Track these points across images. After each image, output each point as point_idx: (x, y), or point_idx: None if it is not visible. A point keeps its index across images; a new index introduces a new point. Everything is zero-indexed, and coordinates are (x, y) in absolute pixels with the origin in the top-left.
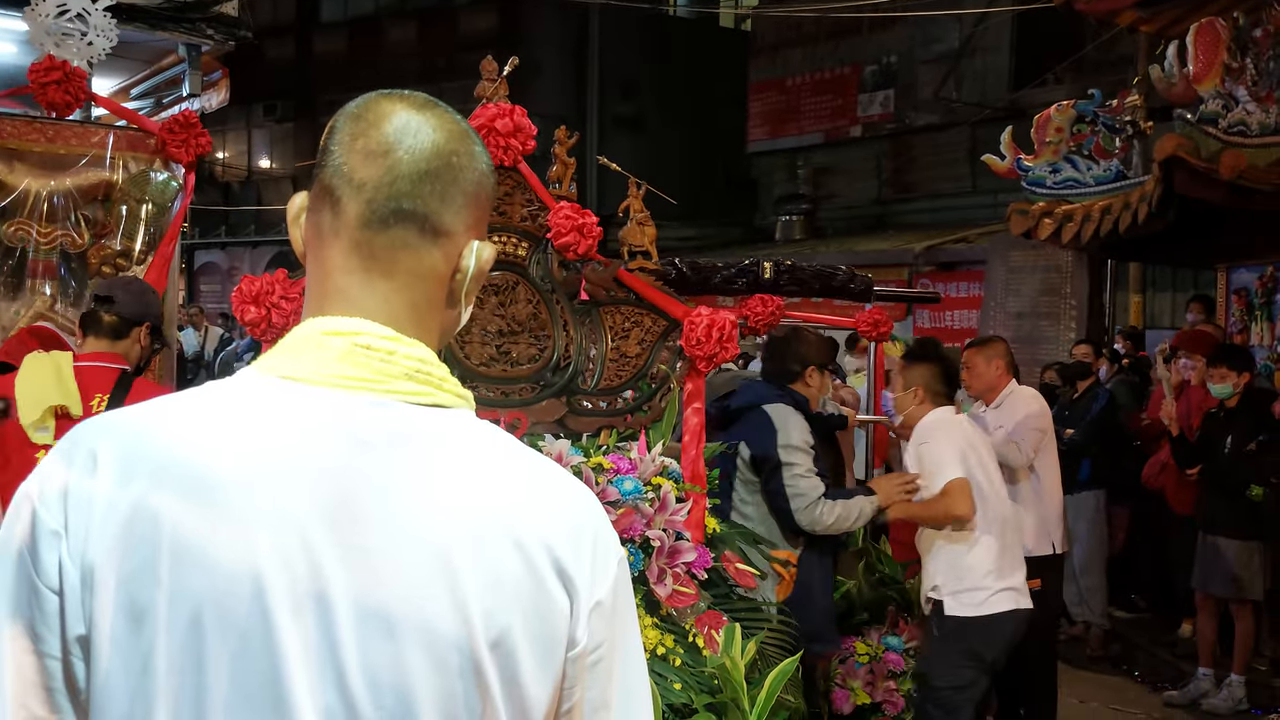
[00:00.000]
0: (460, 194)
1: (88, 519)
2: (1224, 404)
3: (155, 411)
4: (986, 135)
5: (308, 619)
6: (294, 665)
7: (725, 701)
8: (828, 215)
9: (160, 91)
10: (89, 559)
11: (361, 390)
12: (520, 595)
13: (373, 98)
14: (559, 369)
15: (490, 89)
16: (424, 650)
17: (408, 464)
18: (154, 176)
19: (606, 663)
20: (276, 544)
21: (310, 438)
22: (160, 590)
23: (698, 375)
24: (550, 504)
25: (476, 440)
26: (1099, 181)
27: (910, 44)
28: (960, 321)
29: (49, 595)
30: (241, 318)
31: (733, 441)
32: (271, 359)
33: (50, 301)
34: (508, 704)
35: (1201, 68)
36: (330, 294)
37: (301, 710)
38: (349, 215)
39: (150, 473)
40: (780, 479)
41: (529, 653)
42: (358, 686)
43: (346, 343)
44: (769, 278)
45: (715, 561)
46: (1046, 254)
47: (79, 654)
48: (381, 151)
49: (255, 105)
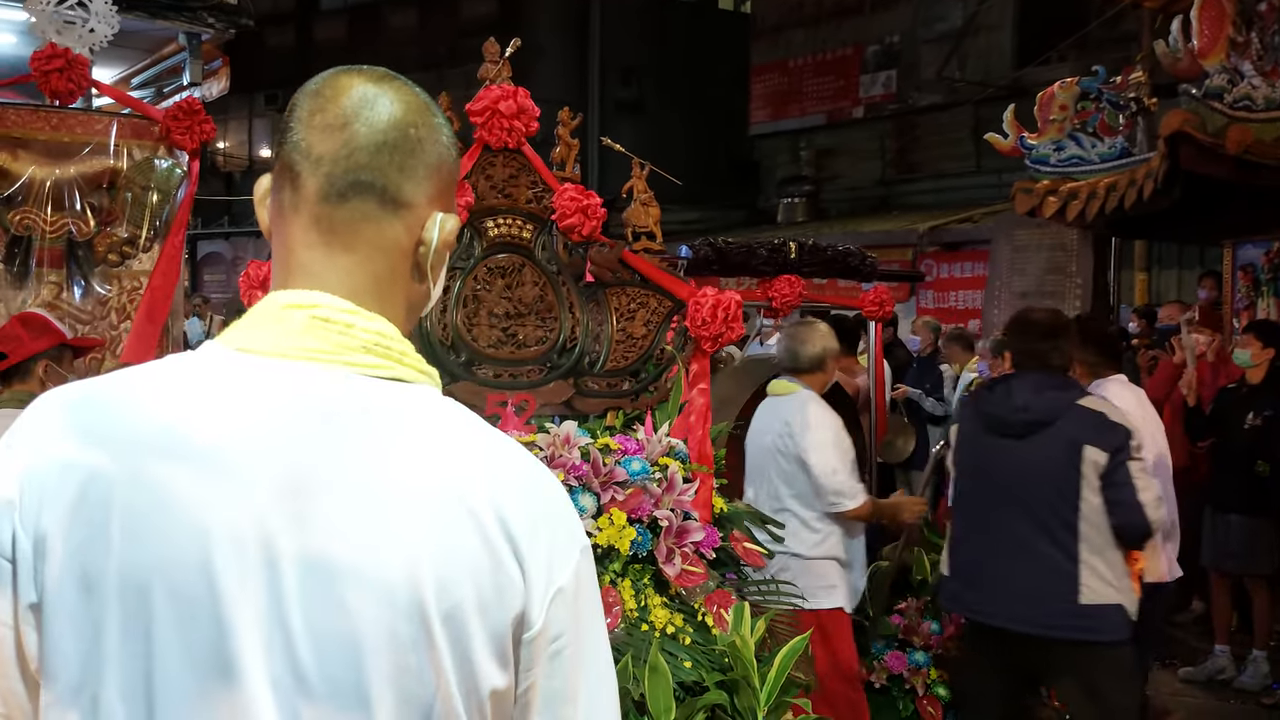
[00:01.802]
0: (420, 165)
1: (41, 488)
2: (1244, 380)
3: (115, 383)
4: (990, 114)
5: (257, 589)
6: (243, 635)
7: (737, 679)
8: (831, 197)
9: (161, 80)
10: (41, 527)
11: (318, 362)
12: (474, 570)
13: (331, 74)
14: (566, 351)
15: (493, 71)
16: (375, 622)
17: (363, 437)
18: (158, 164)
19: (571, 653)
20: (228, 514)
21: (266, 409)
22: (110, 559)
23: (703, 355)
24: (509, 483)
25: (435, 416)
26: (1104, 159)
27: (912, 23)
28: (965, 302)
29: (1, 563)
30: (249, 303)
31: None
32: (232, 332)
33: (57, 290)
34: (459, 679)
35: (1206, 42)
36: (293, 269)
37: (250, 680)
38: (308, 190)
39: (106, 443)
40: (1126, 470)
41: (481, 628)
42: (307, 657)
43: (305, 315)
44: (795, 258)
45: (724, 541)
46: (1051, 232)
47: (31, 622)
48: (339, 125)
49: (256, 94)
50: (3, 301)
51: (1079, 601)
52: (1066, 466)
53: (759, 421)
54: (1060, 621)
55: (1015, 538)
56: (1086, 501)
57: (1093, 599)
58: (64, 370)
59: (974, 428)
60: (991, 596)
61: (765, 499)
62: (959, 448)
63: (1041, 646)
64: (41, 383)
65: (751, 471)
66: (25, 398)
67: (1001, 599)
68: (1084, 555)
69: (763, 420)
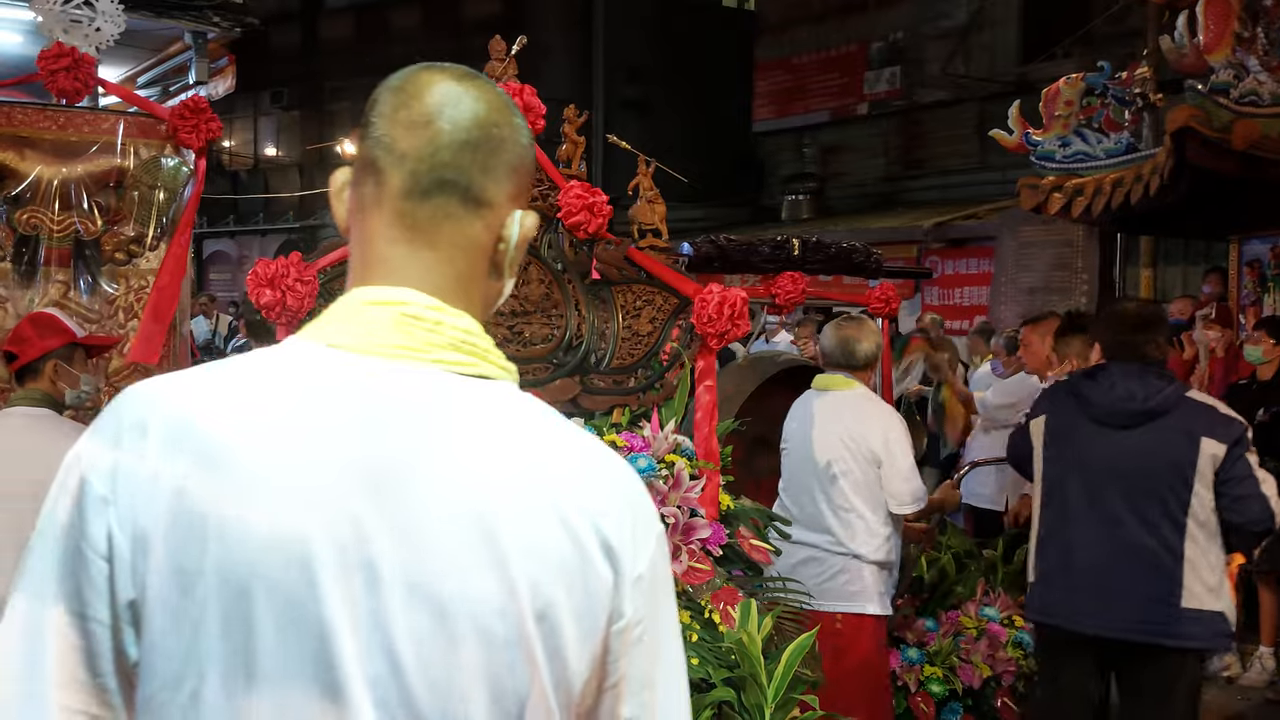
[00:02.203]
0: (501, 164)
1: (136, 486)
2: (1255, 376)
3: (202, 378)
4: (995, 110)
5: (354, 587)
6: (341, 633)
7: (743, 676)
8: (836, 194)
9: (167, 80)
10: (139, 525)
11: (408, 359)
12: (565, 568)
13: (414, 70)
14: (572, 348)
15: (499, 69)
16: (471, 620)
17: (453, 434)
18: (165, 162)
19: (650, 638)
20: (323, 511)
21: (357, 406)
22: (209, 556)
23: (709, 352)
24: (594, 477)
25: (520, 412)
26: (1109, 154)
27: (917, 19)
28: (970, 298)
29: (98, 562)
30: (257, 300)
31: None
32: (317, 327)
33: (64, 289)
34: (552, 677)
35: (1212, 38)
36: (373, 264)
37: (350, 678)
38: (392, 186)
39: (198, 440)
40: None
41: (573, 625)
42: (406, 655)
43: (393, 312)
44: (798, 254)
45: (730, 538)
46: (1057, 229)
47: (129, 619)
48: (423, 122)
49: (262, 93)
50: (10, 301)
51: (1180, 605)
52: (1181, 459)
53: (805, 418)
54: (1158, 626)
55: (1117, 533)
56: (1198, 496)
57: (1193, 603)
58: (75, 369)
59: (1073, 419)
60: (1085, 599)
61: (818, 498)
62: (1051, 440)
63: (1125, 648)
64: (52, 382)
65: (798, 469)
66: (37, 396)
67: (1096, 601)
68: (1189, 553)
69: (818, 416)
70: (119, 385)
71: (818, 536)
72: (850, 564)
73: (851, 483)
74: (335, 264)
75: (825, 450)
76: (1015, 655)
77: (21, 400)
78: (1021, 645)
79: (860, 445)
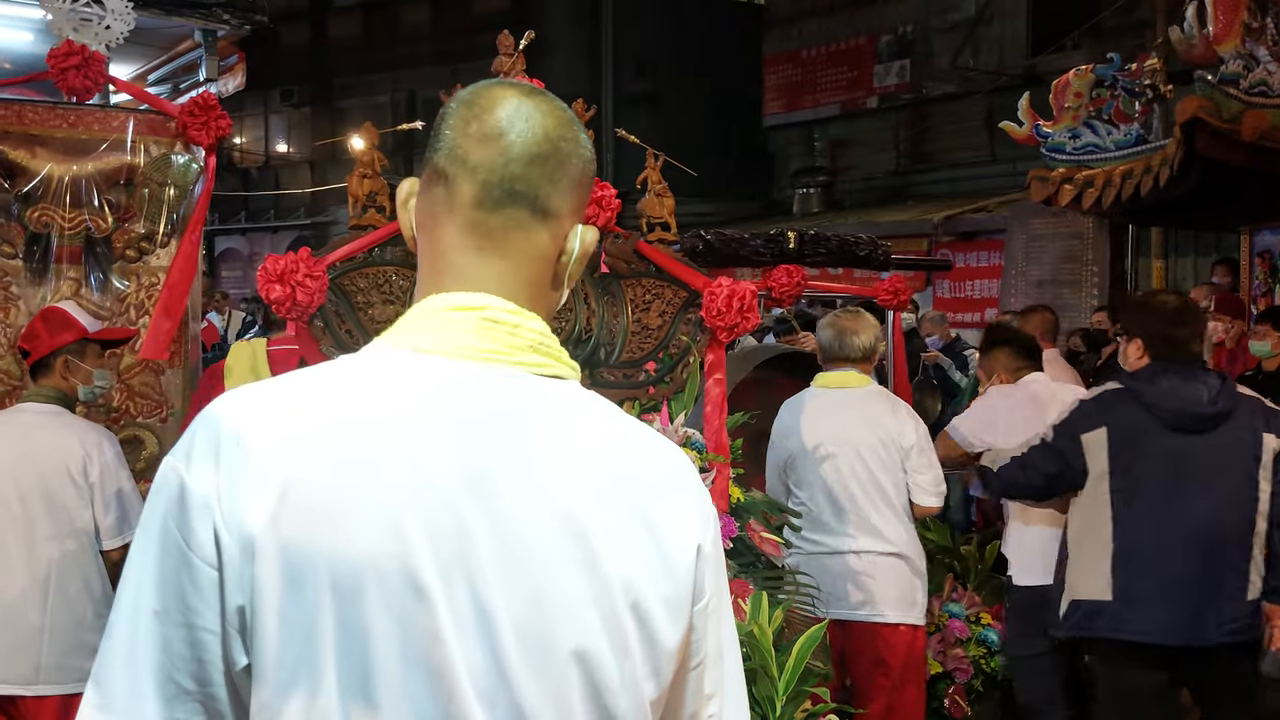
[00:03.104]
0: (566, 178)
1: (241, 490)
2: (1261, 367)
3: (295, 385)
4: (1004, 103)
5: (457, 582)
6: (448, 628)
7: (754, 668)
8: (845, 187)
9: (177, 77)
10: (247, 530)
11: (493, 362)
12: (650, 560)
13: (484, 85)
14: (581, 342)
15: (507, 64)
16: (567, 610)
17: (540, 433)
18: (175, 159)
19: (716, 611)
20: (425, 510)
21: (449, 407)
22: (320, 557)
23: (719, 346)
24: (663, 467)
25: (592, 408)
26: (1119, 146)
27: (925, 12)
28: (981, 291)
29: (204, 569)
30: (267, 296)
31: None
32: (400, 333)
33: (76, 286)
34: (647, 663)
35: (1221, 28)
36: (445, 271)
37: (458, 672)
38: (463, 196)
39: (299, 443)
40: None
41: (662, 611)
42: (509, 646)
43: (474, 317)
44: (794, 248)
45: (740, 531)
46: (1067, 221)
47: (236, 625)
48: (495, 135)
49: (272, 90)
50: (22, 298)
51: (1247, 598)
52: (1250, 457)
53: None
54: (1231, 622)
55: (1199, 541)
56: (1261, 491)
57: (1255, 594)
58: (87, 364)
59: (1142, 426)
60: (1164, 611)
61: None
62: (1119, 451)
63: (1202, 658)
64: (64, 377)
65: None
66: (48, 393)
67: (1177, 612)
68: (1255, 550)
69: (841, 416)
70: (129, 382)
71: (869, 541)
72: (898, 564)
73: (892, 478)
74: (345, 259)
75: (864, 450)
76: (975, 654)
77: (33, 397)
78: (985, 644)
79: (893, 443)
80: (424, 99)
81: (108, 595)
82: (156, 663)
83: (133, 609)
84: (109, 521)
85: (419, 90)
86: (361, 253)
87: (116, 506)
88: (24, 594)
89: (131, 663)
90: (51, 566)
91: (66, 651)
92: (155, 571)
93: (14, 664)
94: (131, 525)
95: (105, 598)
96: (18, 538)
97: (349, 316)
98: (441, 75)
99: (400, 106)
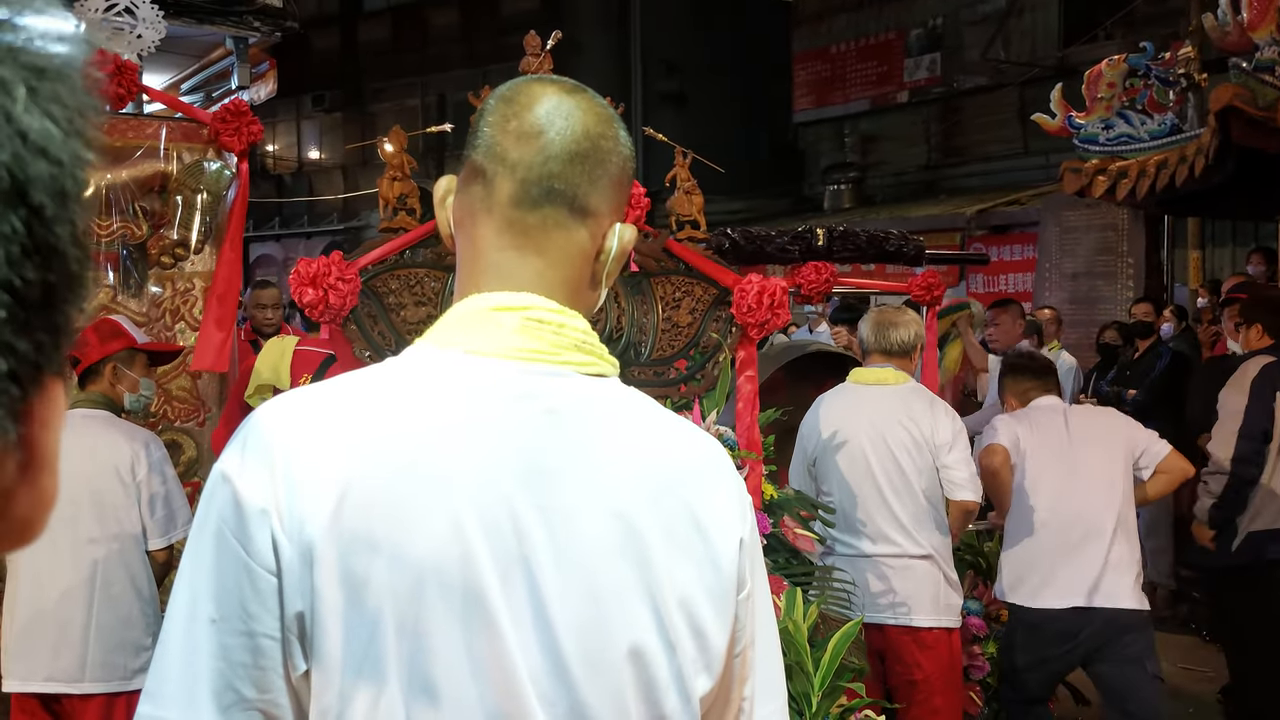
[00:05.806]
0: (605, 176)
1: (298, 496)
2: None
3: (348, 387)
4: (1036, 95)
5: (515, 581)
6: (507, 626)
7: (790, 664)
8: (877, 182)
9: (210, 85)
10: (306, 535)
11: (539, 361)
12: (696, 554)
13: (523, 82)
14: (612, 341)
15: (535, 65)
16: (622, 608)
17: (589, 430)
18: (208, 166)
19: (752, 599)
20: (483, 509)
21: (501, 406)
22: (380, 559)
23: (749, 343)
24: (704, 461)
25: (636, 405)
26: (1153, 136)
27: (956, 5)
28: (1015, 285)
29: (265, 575)
30: (299, 299)
31: None
32: (444, 333)
33: (112, 293)
34: (699, 658)
35: (1256, 15)
36: (484, 270)
37: (519, 670)
38: (502, 194)
39: (355, 447)
40: None
41: (709, 605)
42: (568, 645)
43: (519, 317)
44: (822, 244)
45: (774, 528)
46: (1101, 213)
47: (296, 631)
48: (534, 133)
49: (303, 96)
50: None
51: None
52: None
53: (853, 414)
54: None
55: None
56: None
57: None
58: (134, 373)
59: None
60: None
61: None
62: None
63: None
64: (111, 384)
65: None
66: (96, 398)
67: None
68: None
69: (878, 414)
70: (166, 387)
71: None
72: (933, 569)
73: (927, 479)
74: (376, 261)
75: (896, 449)
76: (992, 651)
77: (81, 402)
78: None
79: (927, 442)
80: (454, 102)
81: (153, 594)
82: (215, 671)
83: (188, 618)
84: (155, 521)
85: (449, 93)
86: (393, 255)
87: (163, 506)
88: (71, 592)
89: (188, 673)
90: (98, 566)
91: (112, 649)
92: (211, 580)
93: (61, 661)
94: (177, 526)
95: (151, 597)
96: (66, 537)
97: (382, 318)
98: (471, 78)
99: (431, 109)
